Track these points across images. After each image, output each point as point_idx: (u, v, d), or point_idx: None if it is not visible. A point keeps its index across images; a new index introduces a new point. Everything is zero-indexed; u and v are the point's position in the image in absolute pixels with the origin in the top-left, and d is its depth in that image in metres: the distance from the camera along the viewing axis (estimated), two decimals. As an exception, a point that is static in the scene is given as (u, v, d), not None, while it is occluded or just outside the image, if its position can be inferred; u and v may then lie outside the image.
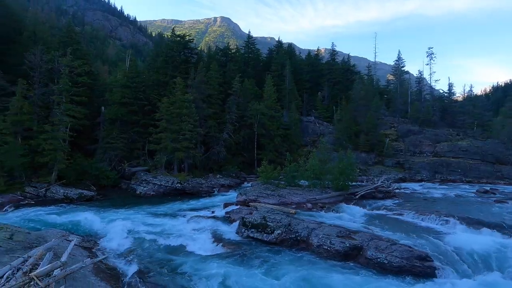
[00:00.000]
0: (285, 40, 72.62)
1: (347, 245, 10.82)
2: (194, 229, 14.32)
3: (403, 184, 29.45)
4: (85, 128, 28.66)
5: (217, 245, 12.23)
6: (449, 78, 76.96)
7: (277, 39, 65.38)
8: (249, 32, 56.67)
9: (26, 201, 20.79)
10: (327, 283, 8.96)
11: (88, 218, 16.30)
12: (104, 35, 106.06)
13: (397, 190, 23.01)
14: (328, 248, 11.01)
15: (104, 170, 27.07)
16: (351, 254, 10.70)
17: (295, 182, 22.50)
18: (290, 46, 66.36)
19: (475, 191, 24.45)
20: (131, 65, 35.14)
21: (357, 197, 19.65)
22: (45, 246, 8.17)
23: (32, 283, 5.85)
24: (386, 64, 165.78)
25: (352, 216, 15.90)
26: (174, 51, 38.12)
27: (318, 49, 68.39)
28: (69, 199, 21.98)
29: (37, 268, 6.58)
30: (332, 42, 62.65)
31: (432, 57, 55.44)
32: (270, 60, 55.40)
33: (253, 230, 12.87)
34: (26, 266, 6.69)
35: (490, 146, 38.72)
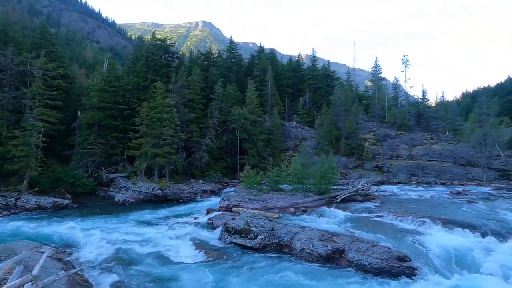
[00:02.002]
0: (267, 45, 73.33)
1: (329, 248, 10.95)
2: (176, 236, 14.00)
3: (382, 187, 30.27)
4: (60, 133, 27.55)
5: (199, 252, 12.01)
6: (423, 85, 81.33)
7: (259, 45, 65.98)
8: (231, 37, 56.74)
9: (-6, 211, 19.56)
10: (310, 287, 9.01)
11: (63, 227, 15.58)
12: (81, 37, 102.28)
13: (376, 193, 23.58)
14: (311, 252, 11.09)
15: (80, 177, 26.03)
16: (333, 257, 10.84)
17: (278, 187, 22.58)
18: (272, 51, 67.10)
19: (448, 192, 25.56)
20: (109, 68, 34.13)
21: (338, 200, 19.97)
22: (14, 259, 7.66)
23: (-1, 299, 5.47)
24: (364, 70, 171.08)
25: (334, 219, 16.10)
26: (154, 55, 37.45)
27: (299, 55, 69.61)
28: (42, 208, 20.91)
29: (5, 283, 6.16)
30: (313, 49, 64.01)
31: (407, 64, 58.09)
32: (252, 65, 55.70)
33: (236, 236, 12.75)
34: (-7, 281, 6.25)
35: (461, 150, 40.87)
